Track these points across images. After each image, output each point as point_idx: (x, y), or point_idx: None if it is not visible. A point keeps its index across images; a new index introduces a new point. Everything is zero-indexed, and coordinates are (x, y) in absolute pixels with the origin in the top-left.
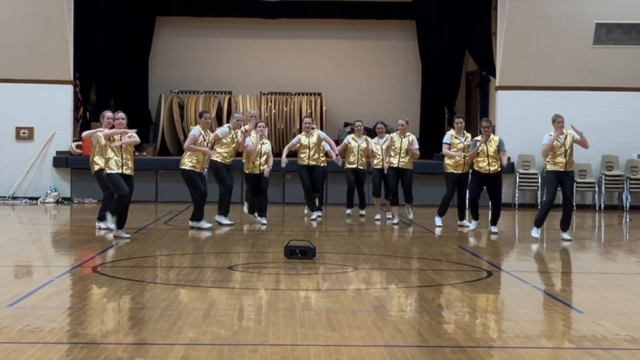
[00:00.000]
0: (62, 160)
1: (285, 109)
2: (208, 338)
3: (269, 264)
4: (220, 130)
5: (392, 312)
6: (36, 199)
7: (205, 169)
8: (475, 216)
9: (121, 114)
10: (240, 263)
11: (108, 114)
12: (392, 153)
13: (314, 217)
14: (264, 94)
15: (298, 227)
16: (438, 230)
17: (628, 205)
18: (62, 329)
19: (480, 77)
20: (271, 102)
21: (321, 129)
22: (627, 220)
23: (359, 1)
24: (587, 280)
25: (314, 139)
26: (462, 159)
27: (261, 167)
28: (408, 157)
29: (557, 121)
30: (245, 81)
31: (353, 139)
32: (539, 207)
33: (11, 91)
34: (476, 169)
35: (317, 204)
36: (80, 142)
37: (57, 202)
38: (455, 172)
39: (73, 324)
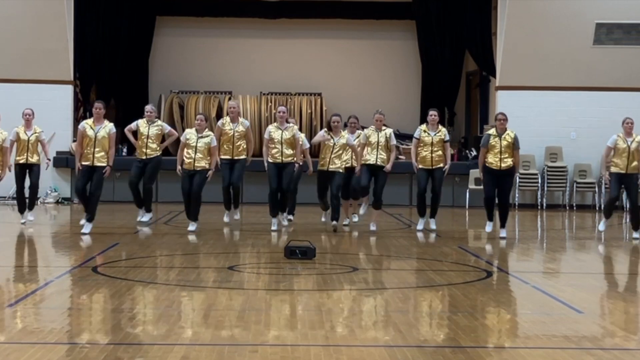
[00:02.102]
0: (62, 161)
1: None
2: (208, 338)
3: (269, 264)
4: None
5: (392, 312)
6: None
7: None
8: (490, 217)
9: None
10: (240, 263)
11: None
12: (367, 149)
13: (274, 227)
14: (264, 94)
15: (298, 228)
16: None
17: (628, 206)
18: (62, 329)
19: (480, 77)
20: (271, 102)
21: (321, 129)
22: (627, 220)
23: (359, 1)
24: (587, 280)
25: (287, 135)
26: (431, 154)
27: (197, 165)
28: (386, 155)
29: (626, 122)
30: (245, 81)
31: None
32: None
33: (11, 91)
34: (486, 164)
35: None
36: None
37: (57, 202)
38: (424, 167)
39: (73, 324)
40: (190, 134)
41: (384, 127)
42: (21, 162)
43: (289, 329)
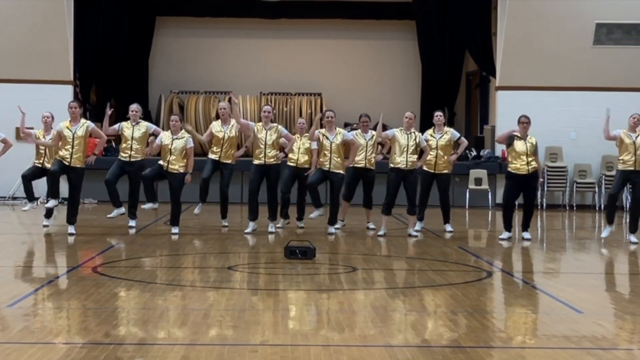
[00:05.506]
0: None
1: (285, 109)
2: (208, 338)
3: (269, 264)
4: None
5: (392, 312)
6: (36, 199)
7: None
8: (508, 226)
9: None
10: (240, 263)
11: None
12: (396, 152)
13: (249, 229)
14: (264, 94)
15: (298, 228)
16: (416, 234)
17: (628, 206)
18: (62, 329)
19: (480, 77)
20: (271, 102)
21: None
22: (627, 220)
23: (359, 1)
24: (587, 280)
25: (272, 135)
26: (435, 158)
27: (170, 167)
28: (414, 157)
29: (632, 117)
30: (245, 81)
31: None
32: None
33: (11, 91)
34: (511, 170)
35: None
36: None
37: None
38: (428, 170)
39: (73, 324)
40: (165, 135)
41: (412, 130)
42: (38, 165)
43: (288, 329)
